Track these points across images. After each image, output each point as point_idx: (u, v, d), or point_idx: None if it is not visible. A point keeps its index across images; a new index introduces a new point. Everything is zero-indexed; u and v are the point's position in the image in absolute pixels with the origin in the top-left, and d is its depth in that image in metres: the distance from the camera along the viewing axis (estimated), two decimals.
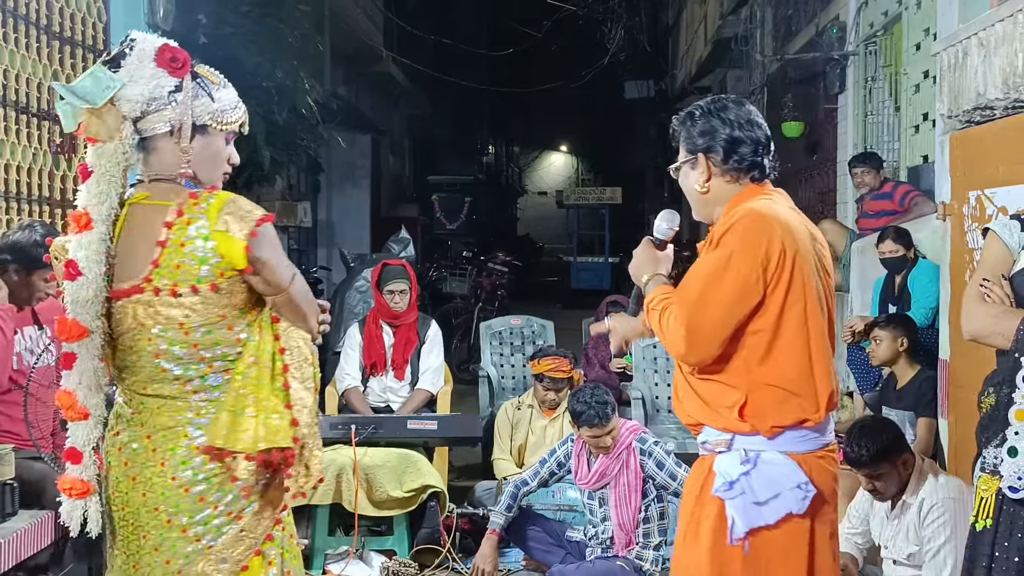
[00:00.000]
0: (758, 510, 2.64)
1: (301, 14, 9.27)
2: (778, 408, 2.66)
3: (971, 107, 4.58)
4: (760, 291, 2.62)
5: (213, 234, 2.38)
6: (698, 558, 2.71)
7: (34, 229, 4.32)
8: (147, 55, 2.45)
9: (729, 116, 2.79)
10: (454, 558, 5.27)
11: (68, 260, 2.39)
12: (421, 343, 6.25)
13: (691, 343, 2.63)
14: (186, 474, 2.45)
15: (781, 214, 2.72)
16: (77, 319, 2.40)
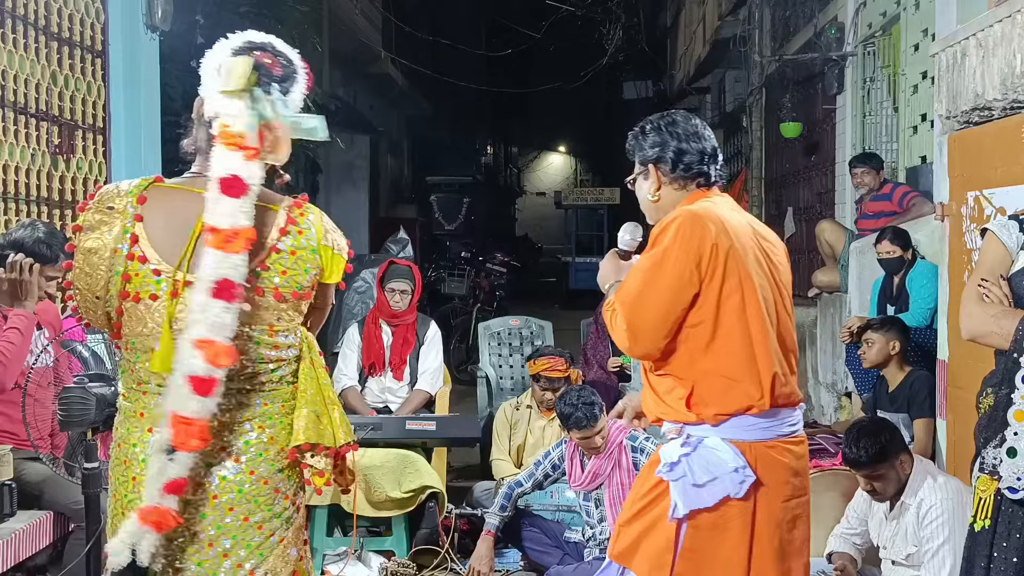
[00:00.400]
0: (697, 492, 2.76)
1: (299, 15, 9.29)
2: (722, 396, 2.80)
3: (969, 108, 4.58)
4: (695, 285, 2.77)
5: (320, 247, 2.45)
6: (640, 536, 2.86)
7: (36, 227, 4.34)
8: (304, 78, 2.50)
9: (677, 130, 2.99)
10: (453, 559, 5.27)
11: (225, 281, 2.25)
12: (420, 344, 6.27)
13: (633, 337, 2.82)
14: (264, 467, 2.40)
15: (718, 214, 2.86)
16: (224, 342, 2.26)
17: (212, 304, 2.25)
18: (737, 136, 15.61)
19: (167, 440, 2.26)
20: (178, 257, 2.34)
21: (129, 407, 2.42)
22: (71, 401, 3.26)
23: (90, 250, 2.35)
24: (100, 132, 6.30)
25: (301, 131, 2.41)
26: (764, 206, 13.54)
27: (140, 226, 2.36)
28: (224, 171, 2.30)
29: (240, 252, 2.27)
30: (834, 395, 7.77)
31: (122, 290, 2.35)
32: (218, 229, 2.27)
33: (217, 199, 2.29)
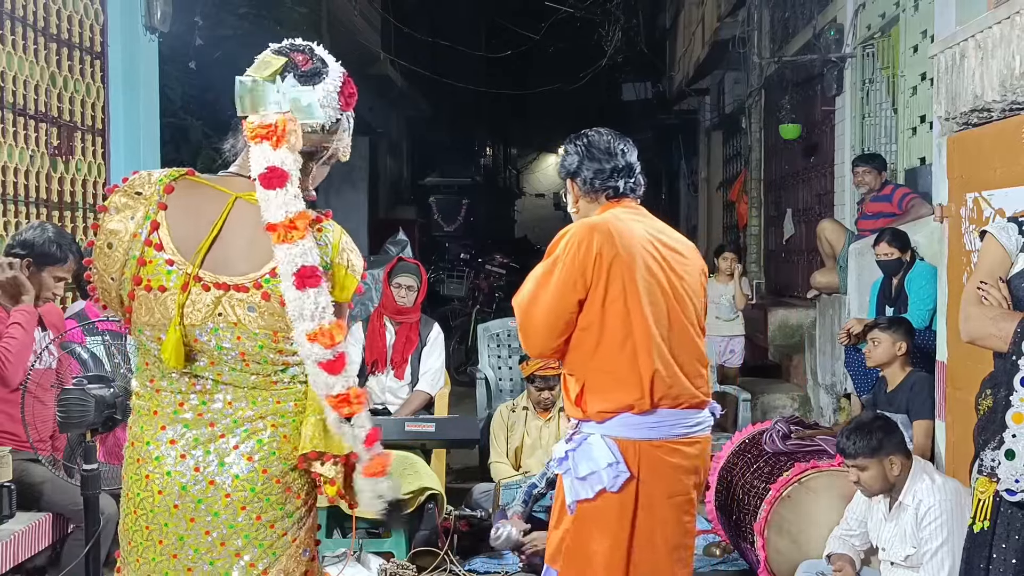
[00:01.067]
0: (580, 484, 3.11)
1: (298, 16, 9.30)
2: (604, 396, 3.11)
3: (968, 109, 4.58)
4: (581, 290, 3.08)
5: (334, 264, 2.43)
6: (552, 522, 3.30)
7: (45, 229, 4.39)
8: (336, 83, 2.44)
9: (591, 148, 3.34)
10: (452, 560, 5.27)
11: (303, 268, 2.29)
12: (422, 344, 6.29)
13: (525, 337, 3.22)
14: (277, 466, 2.39)
15: (611, 226, 3.15)
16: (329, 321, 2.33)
17: (304, 296, 2.29)
18: (736, 137, 15.61)
19: (338, 417, 2.34)
20: (194, 251, 2.34)
21: (143, 405, 2.42)
22: (70, 403, 3.27)
23: (112, 231, 2.36)
24: (99, 133, 6.30)
25: (300, 112, 2.38)
26: (763, 207, 13.55)
27: (163, 214, 2.36)
28: (261, 167, 2.32)
29: (304, 237, 2.30)
30: (833, 396, 7.77)
31: (136, 275, 2.35)
32: (275, 225, 2.30)
33: (265, 196, 2.31)
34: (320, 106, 2.39)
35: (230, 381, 2.38)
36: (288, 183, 2.31)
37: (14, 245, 4.34)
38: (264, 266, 2.35)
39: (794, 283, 11.28)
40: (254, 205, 2.35)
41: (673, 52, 21.41)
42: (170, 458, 2.36)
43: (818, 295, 8.46)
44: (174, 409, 2.37)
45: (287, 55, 2.40)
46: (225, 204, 2.38)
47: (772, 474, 4.92)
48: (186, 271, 2.33)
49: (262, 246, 2.34)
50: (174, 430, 2.36)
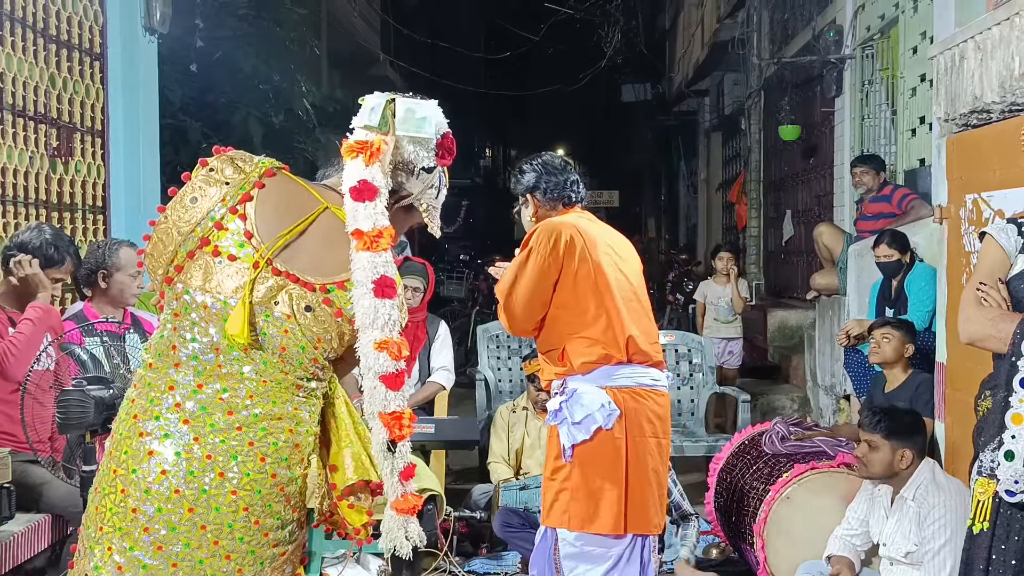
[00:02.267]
0: (576, 428, 3.59)
1: (298, 17, 9.29)
2: (586, 351, 3.64)
3: (967, 110, 4.58)
4: (556, 271, 3.63)
5: None
6: (546, 476, 3.74)
7: (43, 230, 4.39)
8: (440, 130, 2.51)
9: (547, 167, 3.99)
10: (451, 561, 5.27)
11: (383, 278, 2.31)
12: (430, 342, 6.29)
13: (509, 317, 3.73)
14: (284, 473, 2.35)
15: (573, 222, 3.76)
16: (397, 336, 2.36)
17: (380, 305, 2.31)
18: (736, 139, 15.62)
19: (385, 438, 2.34)
20: (271, 237, 2.33)
21: (154, 377, 2.32)
22: (69, 404, 3.27)
23: (202, 188, 2.36)
24: (98, 135, 6.30)
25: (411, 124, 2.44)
26: (763, 209, 13.55)
27: (257, 191, 2.37)
28: (352, 180, 2.35)
29: (387, 249, 2.32)
30: (832, 398, 7.77)
31: (205, 236, 2.32)
32: (362, 232, 2.31)
33: (354, 207, 2.33)
34: (433, 124, 2.46)
35: (257, 374, 2.31)
36: (378, 198, 2.34)
37: (12, 247, 4.34)
38: (334, 276, 2.36)
39: (793, 284, 11.28)
40: (339, 219, 2.36)
41: (672, 53, 21.43)
42: (182, 438, 2.26)
43: (817, 296, 8.46)
44: (193, 389, 2.28)
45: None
46: (315, 208, 2.40)
47: (771, 475, 4.92)
48: (260, 250, 2.32)
49: (336, 259, 2.35)
50: (190, 410, 2.28)
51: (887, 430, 4.16)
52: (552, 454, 3.72)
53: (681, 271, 14.82)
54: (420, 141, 2.45)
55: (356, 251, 2.31)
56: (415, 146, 2.45)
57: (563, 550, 3.66)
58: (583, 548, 3.64)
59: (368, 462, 2.47)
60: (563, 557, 3.66)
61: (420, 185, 2.50)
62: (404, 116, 2.42)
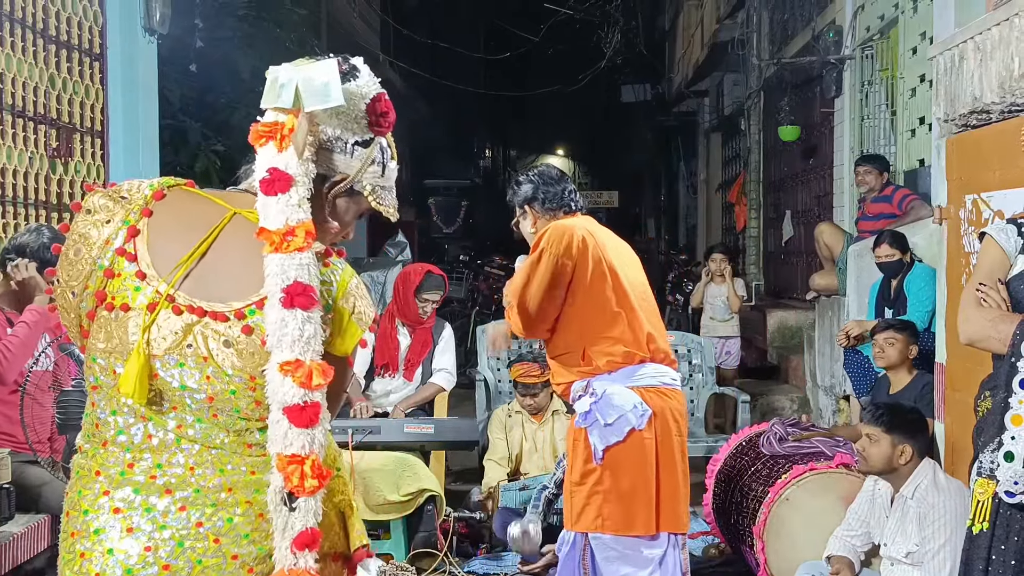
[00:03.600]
0: (609, 430, 3.56)
1: (298, 18, 9.29)
2: (610, 350, 3.63)
3: (967, 111, 4.58)
4: (568, 272, 3.59)
5: (336, 307, 2.02)
6: (574, 480, 3.68)
7: (41, 232, 4.39)
8: (365, 93, 2.05)
9: (544, 177, 4.00)
10: (451, 562, 5.27)
11: (294, 285, 1.90)
12: (434, 344, 6.29)
13: (524, 319, 3.66)
14: (248, 550, 1.95)
15: (580, 225, 3.75)
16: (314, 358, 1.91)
17: (288, 317, 1.88)
18: (735, 139, 15.63)
19: (281, 487, 1.88)
20: (168, 268, 1.95)
21: (84, 464, 2.00)
22: (69, 404, 3.27)
23: (82, 236, 2.02)
24: (98, 135, 6.30)
25: (314, 95, 1.98)
26: (762, 209, 13.55)
27: (145, 221, 1.99)
28: (262, 171, 1.97)
29: (304, 249, 1.92)
30: (832, 398, 7.77)
31: (100, 290, 1.96)
32: (269, 231, 1.93)
33: (264, 203, 1.95)
34: (339, 87, 1.98)
35: (193, 437, 1.93)
36: (293, 188, 1.95)
37: (10, 249, 4.34)
38: (253, 295, 1.95)
39: (793, 285, 11.28)
40: (254, 223, 1.97)
41: (672, 54, 21.44)
42: (114, 531, 1.90)
43: (817, 297, 8.46)
44: (122, 469, 1.92)
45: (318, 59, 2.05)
46: (221, 219, 2.01)
47: (770, 476, 4.92)
48: (156, 288, 1.93)
49: (255, 271, 1.94)
50: (121, 495, 1.91)
51: (888, 424, 4.16)
52: (579, 457, 3.67)
53: (681, 272, 14.82)
54: (338, 112, 2.02)
55: (265, 254, 1.92)
56: (338, 119, 2.04)
57: (600, 553, 3.64)
58: (623, 551, 3.62)
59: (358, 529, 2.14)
60: (602, 560, 3.64)
61: (357, 164, 2.09)
62: (305, 87, 1.97)
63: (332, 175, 2.09)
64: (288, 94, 1.99)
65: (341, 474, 2.14)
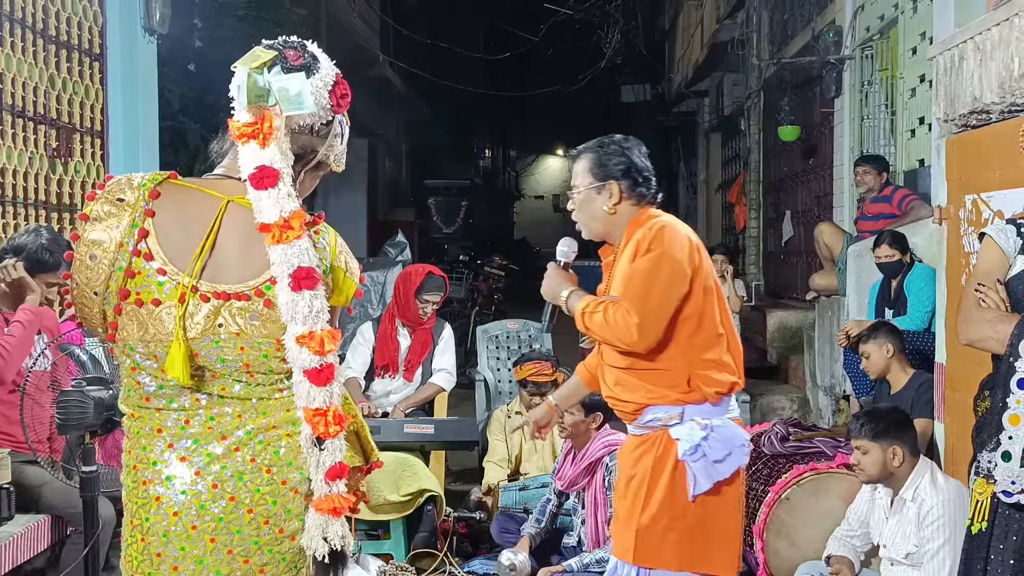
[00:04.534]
0: (717, 467, 3.18)
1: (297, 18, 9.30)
2: (717, 377, 3.21)
3: (967, 111, 4.58)
4: (688, 280, 3.16)
5: (333, 268, 2.33)
6: (652, 514, 3.22)
7: (40, 233, 4.38)
8: (328, 81, 2.29)
9: (636, 150, 3.39)
10: (451, 562, 5.27)
11: (299, 270, 2.18)
12: (434, 344, 6.29)
13: (642, 330, 3.11)
14: (294, 475, 2.28)
15: (684, 226, 3.32)
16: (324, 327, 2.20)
17: (299, 298, 2.17)
18: (735, 139, 15.62)
19: (311, 434, 2.21)
20: (186, 260, 2.21)
21: (141, 426, 2.27)
22: (69, 404, 3.26)
23: (94, 242, 2.19)
24: (98, 135, 6.30)
25: (288, 102, 2.24)
26: (762, 209, 13.55)
27: (151, 222, 2.21)
28: (250, 167, 2.20)
29: (300, 237, 2.18)
30: (832, 398, 7.77)
31: (123, 288, 2.19)
32: (269, 225, 2.17)
33: (257, 197, 2.19)
34: (310, 95, 2.25)
35: (236, 394, 2.25)
36: (280, 181, 2.19)
37: (8, 250, 4.34)
38: (265, 272, 2.23)
39: (793, 285, 11.28)
40: (248, 209, 2.22)
41: (672, 54, 21.42)
42: (185, 477, 2.22)
43: (817, 297, 8.46)
44: (180, 426, 2.23)
45: (279, 49, 2.27)
46: (217, 209, 2.24)
47: (770, 476, 4.92)
48: (181, 282, 2.20)
49: (259, 251, 2.21)
50: (183, 447, 2.23)
51: (872, 432, 4.17)
52: (662, 490, 3.23)
53: None
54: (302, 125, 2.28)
55: (268, 245, 2.18)
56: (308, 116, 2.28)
57: None
58: None
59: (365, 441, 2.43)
60: None
61: (324, 141, 2.35)
62: (281, 96, 2.22)
63: (306, 154, 2.34)
64: (244, 95, 2.23)
65: (349, 401, 2.41)
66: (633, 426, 3.34)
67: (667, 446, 3.22)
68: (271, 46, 2.29)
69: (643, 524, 3.24)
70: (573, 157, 3.47)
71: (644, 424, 3.26)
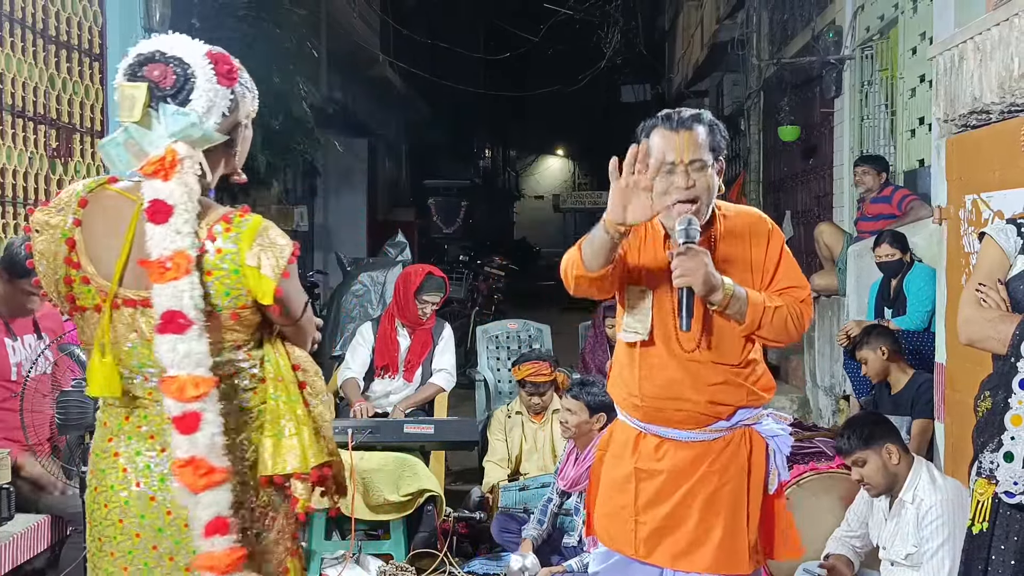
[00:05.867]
0: (783, 463, 3.03)
1: (297, 18, 9.29)
2: (768, 376, 3.06)
3: (967, 111, 4.58)
4: None
5: (243, 267, 2.25)
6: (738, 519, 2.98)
7: (13, 241, 4.34)
8: (209, 74, 2.27)
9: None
10: (451, 562, 5.27)
11: (167, 313, 2.14)
12: (434, 344, 6.28)
13: (803, 318, 2.94)
14: None
15: None
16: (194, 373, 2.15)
17: (161, 341, 2.14)
18: (735, 139, 15.61)
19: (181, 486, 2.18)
20: (111, 268, 2.22)
21: (99, 416, 2.34)
22: (69, 404, 3.26)
23: (41, 252, 2.27)
24: (98, 135, 6.29)
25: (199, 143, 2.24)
26: (762, 209, 13.53)
27: (78, 231, 2.24)
28: (148, 199, 2.18)
29: (180, 277, 2.14)
30: (832, 398, 7.77)
31: (68, 293, 2.26)
32: (150, 262, 2.15)
33: (151, 231, 2.16)
34: (214, 120, 2.26)
35: (160, 398, 2.22)
36: (172, 217, 2.15)
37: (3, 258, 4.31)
38: None
39: None
40: None
41: (672, 54, 21.44)
42: (114, 472, 2.28)
43: (817, 297, 8.46)
44: (119, 422, 2.28)
45: (143, 78, 2.24)
46: (132, 212, 2.24)
47: None
48: (102, 288, 2.23)
49: None
50: (118, 442, 2.28)
51: (861, 439, 4.13)
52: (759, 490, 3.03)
53: None
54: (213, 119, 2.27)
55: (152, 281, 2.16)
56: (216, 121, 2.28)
57: None
58: None
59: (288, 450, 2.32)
60: None
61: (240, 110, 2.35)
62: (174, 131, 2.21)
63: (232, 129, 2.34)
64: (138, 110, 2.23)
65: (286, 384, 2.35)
66: (705, 431, 2.99)
67: (757, 445, 3.00)
68: (132, 76, 2.26)
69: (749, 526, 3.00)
70: (683, 125, 2.98)
71: (728, 427, 2.99)
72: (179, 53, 2.26)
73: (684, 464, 2.99)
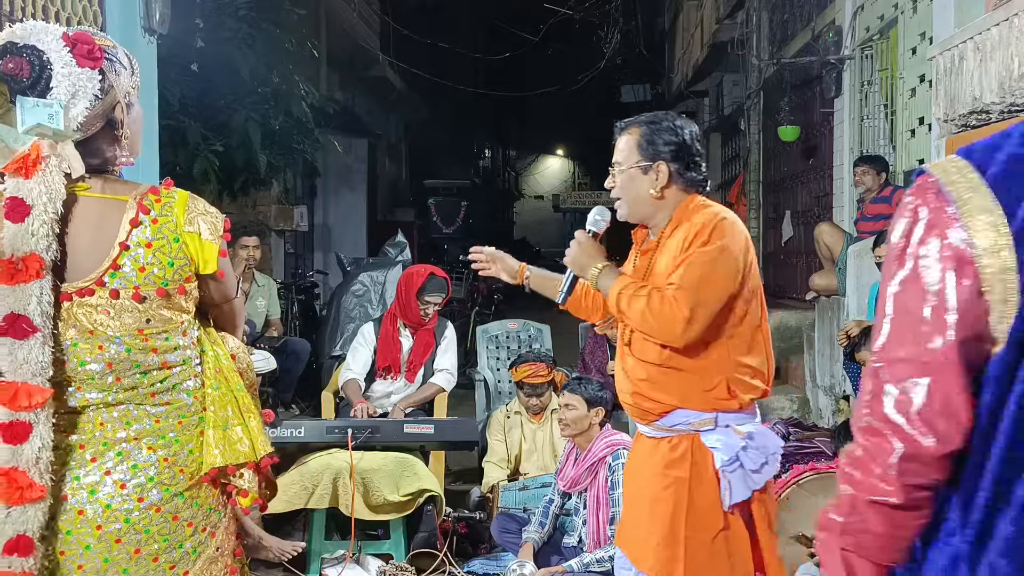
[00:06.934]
0: (752, 477, 2.94)
1: (298, 19, 9.29)
2: (750, 383, 2.98)
3: (967, 111, 4.58)
4: (740, 278, 2.92)
5: (183, 235, 2.20)
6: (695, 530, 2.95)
7: None
8: (67, 60, 2.18)
9: (690, 131, 3.14)
10: (451, 562, 5.27)
11: (9, 316, 2.06)
12: (436, 344, 6.28)
13: (690, 325, 2.83)
14: (154, 493, 2.18)
15: (740, 221, 3.07)
16: (28, 381, 2.06)
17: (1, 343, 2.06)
18: (735, 140, 15.63)
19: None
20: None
21: None
22: None
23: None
24: None
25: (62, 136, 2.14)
26: (762, 209, 13.55)
27: None
28: (7, 196, 2.09)
29: (28, 280, 2.05)
30: (832, 398, 7.77)
31: None
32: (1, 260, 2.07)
33: (7, 228, 2.08)
34: (84, 104, 2.16)
35: (98, 401, 2.17)
36: (28, 217, 2.07)
37: None
38: (105, 260, 2.16)
39: (793, 285, 11.28)
40: (93, 198, 2.18)
41: (672, 54, 21.43)
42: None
43: (817, 297, 8.46)
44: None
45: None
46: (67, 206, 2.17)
47: None
48: None
49: (104, 240, 2.16)
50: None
51: None
52: (706, 501, 2.97)
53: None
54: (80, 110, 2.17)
55: None
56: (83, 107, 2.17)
57: None
58: None
59: (240, 439, 2.27)
60: None
61: (118, 91, 2.24)
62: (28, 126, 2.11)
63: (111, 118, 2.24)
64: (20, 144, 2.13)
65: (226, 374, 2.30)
66: (652, 427, 3.07)
67: (702, 454, 2.97)
68: None
69: (688, 537, 2.96)
70: (619, 130, 3.21)
71: (668, 427, 3.01)
72: (32, 41, 2.17)
73: (642, 458, 3.12)
